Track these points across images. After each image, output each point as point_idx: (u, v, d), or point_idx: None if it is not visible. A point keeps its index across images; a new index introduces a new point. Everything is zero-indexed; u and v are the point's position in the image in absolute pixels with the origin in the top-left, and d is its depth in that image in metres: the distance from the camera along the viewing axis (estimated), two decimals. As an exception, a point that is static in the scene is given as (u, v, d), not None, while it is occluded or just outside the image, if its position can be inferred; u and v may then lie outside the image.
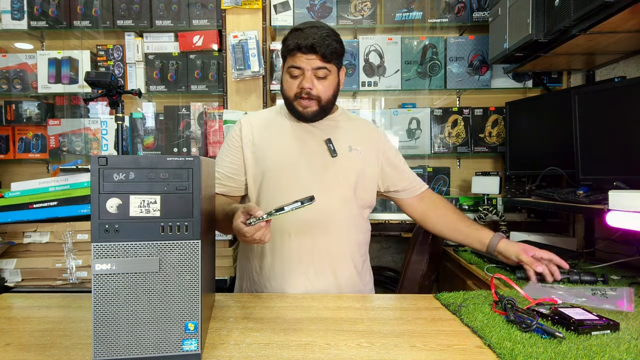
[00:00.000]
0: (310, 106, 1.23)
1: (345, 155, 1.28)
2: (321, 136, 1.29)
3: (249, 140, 1.28)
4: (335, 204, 1.24)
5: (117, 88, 1.65)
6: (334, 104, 1.32)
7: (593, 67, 2.01)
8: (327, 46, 1.17)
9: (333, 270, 1.23)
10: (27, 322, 0.92)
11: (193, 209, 0.71)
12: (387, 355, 0.75)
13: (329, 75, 1.23)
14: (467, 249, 1.90)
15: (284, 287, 1.22)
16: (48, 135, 2.42)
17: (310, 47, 1.17)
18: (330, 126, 1.32)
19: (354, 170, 1.27)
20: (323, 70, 1.21)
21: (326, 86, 1.23)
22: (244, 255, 1.33)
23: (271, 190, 1.25)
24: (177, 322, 0.70)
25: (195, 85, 2.38)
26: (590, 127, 1.51)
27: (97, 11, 2.35)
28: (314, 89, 1.21)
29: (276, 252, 1.23)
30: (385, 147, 1.36)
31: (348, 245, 1.27)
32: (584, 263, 1.59)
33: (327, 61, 1.20)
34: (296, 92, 1.22)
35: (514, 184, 2.21)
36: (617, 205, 1.16)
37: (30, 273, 1.32)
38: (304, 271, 1.21)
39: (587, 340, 0.81)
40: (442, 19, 2.32)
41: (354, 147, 1.30)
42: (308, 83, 1.20)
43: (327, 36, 1.18)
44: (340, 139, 1.29)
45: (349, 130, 1.33)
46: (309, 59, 1.19)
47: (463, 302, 1.03)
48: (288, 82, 1.24)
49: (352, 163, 1.28)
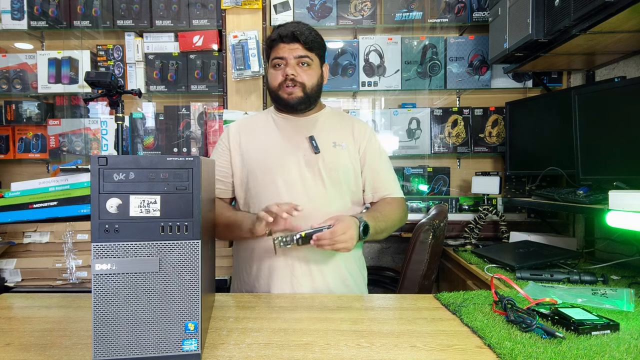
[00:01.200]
0: (295, 92, 1.25)
1: (329, 151, 1.28)
2: (305, 133, 1.30)
3: (236, 142, 1.32)
4: (318, 201, 1.24)
5: (117, 88, 1.65)
6: (319, 97, 1.34)
7: (593, 67, 2.01)
8: (307, 34, 1.24)
9: (320, 269, 1.23)
10: (27, 322, 0.92)
11: (193, 209, 0.71)
12: (387, 355, 0.75)
13: (312, 64, 1.27)
14: (467, 249, 1.90)
15: (270, 286, 1.22)
16: (48, 135, 2.42)
17: (292, 35, 1.22)
18: (316, 123, 1.33)
19: (338, 167, 1.27)
20: (306, 59, 1.25)
21: (310, 74, 1.27)
22: (237, 256, 1.35)
23: (257, 187, 1.27)
24: (177, 322, 0.70)
25: (195, 85, 2.38)
26: (590, 127, 1.51)
27: (97, 11, 2.35)
28: (297, 76, 1.24)
29: (262, 252, 1.24)
30: (368, 145, 1.35)
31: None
32: (584, 263, 1.60)
33: (309, 49, 1.25)
34: (280, 81, 1.26)
35: (514, 184, 2.21)
36: (617, 205, 1.16)
37: (30, 273, 1.32)
38: (289, 270, 1.22)
39: (587, 340, 0.81)
40: (442, 19, 2.32)
41: (339, 143, 1.30)
42: (291, 69, 1.23)
43: (307, 28, 1.25)
44: (324, 135, 1.30)
45: (334, 126, 1.34)
46: (291, 48, 1.24)
47: (463, 302, 1.03)
48: (272, 74, 1.28)
49: (336, 159, 1.28)
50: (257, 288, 1.26)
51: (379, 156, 1.36)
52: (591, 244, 1.84)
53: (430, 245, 1.50)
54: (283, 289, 1.22)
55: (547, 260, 1.46)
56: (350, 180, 1.30)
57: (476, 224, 2.05)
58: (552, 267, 1.45)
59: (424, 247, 1.47)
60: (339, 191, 1.27)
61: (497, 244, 1.98)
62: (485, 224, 2.07)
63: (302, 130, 1.31)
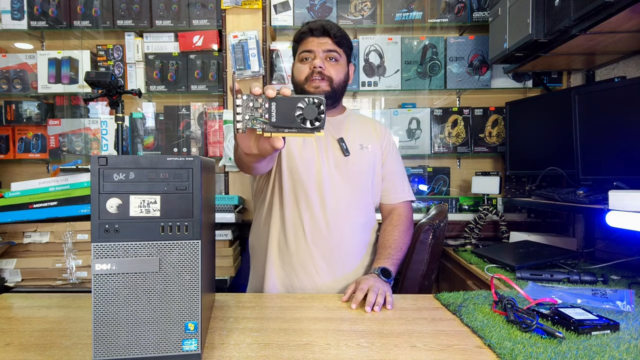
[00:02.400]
0: (322, 86, 1.22)
1: (357, 153, 1.28)
2: (335, 134, 1.29)
3: None
4: (345, 203, 1.24)
5: (117, 88, 1.65)
6: (343, 95, 1.33)
7: (593, 67, 2.01)
8: (337, 30, 1.23)
9: (343, 270, 1.24)
10: (27, 322, 0.92)
11: (193, 209, 0.71)
12: (387, 355, 0.75)
13: (340, 60, 1.25)
14: (467, 249, 1.90)
15: (293, 282, 1.22)
16: (48, 135, 2.42)
17: (322, 28, 1.21)
18: (343, 124, 1.32)
19: (365, 169, 1.27)
20: (334, 54, 1.23)
21: (337, 69, 1.24)
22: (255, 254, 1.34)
23: (291, 184, 1.24)
24: (177, 322, 0.70)
25: (195, 85, 2.38)
26: (590, 127, 1.51)
27: (97, 11, 2.35)
28: (325, 69, 1.22)
29: (290, 250, 1.23)
30: (388, 147, 1.37)
31: (359, 246, 1.27)
32: (584, 263, 1.60)
33: (338, 45, 1.23)
34: (307, 75, 1.23)
35: (514, 184, 2.21)
36: (617, 205, 1.16)
37: (30, 273, 1.32)
38: (314, 269, 1.22)
39: (587, 340, 0.81)
40: (442, 19, 2.32)
41: (365, 145, 1.30)
42: (319, 61, 1.21)
43: (337, 26, 1.25)
44: (351, 137, 1.30)
45: (359, 128, 1.34)
46: (321, 42, 1.22)
47: (463, 302, 1.03)
48: (299, 68, 1.25)
49: (363, 162, 1.28)
50: (279, 285, 1.25)
51: (397, 159, 1.38)
52: (591, 244, 1.84)
53: (430, 245, 1.49)
54: (304, 282, 1.21)
55: (547, 260, 1.46)
56: (374, 182, 1.31)
57: (476, 224, 2.05)
58: (552, 267, 1.45)
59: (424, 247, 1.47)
60: (363, 193, 1.28)
61: (497, 244, 1.98)
62: (485, 224, 2.07)
63: (331, 131, 1.30)
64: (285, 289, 1.24)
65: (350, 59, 1.32)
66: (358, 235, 1.27)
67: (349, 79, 1.31)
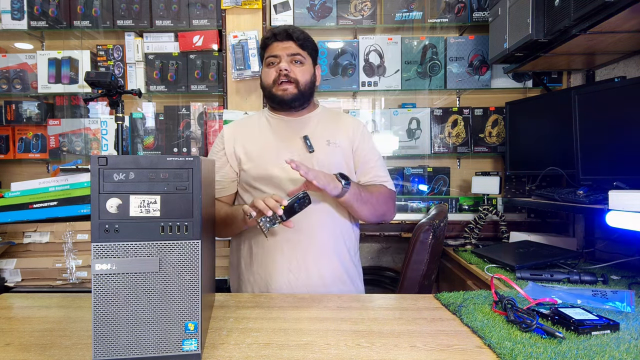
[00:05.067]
0: (289, 88, 1.27)
1: (322, 150, 1.29)
2: (300, 133, 1.30)
3: (231, 145, 1.32)
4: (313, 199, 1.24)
5: (117, 88, 1.65)
6: (312, 96, 1.35)
7: (593, 67, 2.01)
8: (300, 34, 1.28)
9: (316, 263, 1.24)
10: (27, 322, 0.92)
11: (193, 209, 0.71)
12: (387, 355, 0.75)
13: (305, 62, 1.29)
14: (467, 249, 1.90)
15: (267, 280, 1.24)
16: (48, 135, 2.42)
17: (285, 33, 1.26)
18: (310, 122, 1.33)
19: (331, 165, 1.28)
20: (298, 57, 1.28)
21: (303, 71, 1.29)
22: (234, 251, 1.37)
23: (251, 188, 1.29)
24: (177, 322, 0.70)
25: (195, 85, 2.38)
26: (590, 127, 1.51)
27: (97, 11, 2.35)
28: (291, 72, 1.26)
29: (259, 245, 1.26)
30: (361, 141, 1.36)
31: (331, 239, 1.27)
32: (584, 263, 1.60)
33: (302, 47, 1.28)
34: (274, 78, 1.27)
35: (514, 184, 2.21)
36: (617, 205, 1.16)
37: (30, 273, 1.32)
38: (287, 265, 1.23)
39: (587, 340, 0.81)
40: (442, 19, 2.32)
41: (332, 141, 1.31)
42: (285, 65, 1.25)
43: (299, 29, 1.30)
44: (318, 134, 1.31)
45: (328, 124, 1.35)
46: (285, 46, 1.27)
47: (463, 302, 1.03)
48: (266, 72, 1.30)
49: (330, 157, 1.29)
50: (254, 283, 1.27)
51: (370, 151, 1.37)
52: (591, 244, 1.84)
53: (430, 245, 1.49)
54: (280, 283, 1.23)
55: (547, 260, 1.46)
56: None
57: (476, 224, 2.05)
58: (552, 267, 1.45)
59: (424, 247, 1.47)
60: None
61: (497, 244, 1.98)
62: (485, 224, 2.07)
63: (297, 130, 1.31)
64: (261, 291, 1.26)
65: (316, 60, 1.36)
66: (328, 229, 1.27)
67: (317, 79, 1.35)
